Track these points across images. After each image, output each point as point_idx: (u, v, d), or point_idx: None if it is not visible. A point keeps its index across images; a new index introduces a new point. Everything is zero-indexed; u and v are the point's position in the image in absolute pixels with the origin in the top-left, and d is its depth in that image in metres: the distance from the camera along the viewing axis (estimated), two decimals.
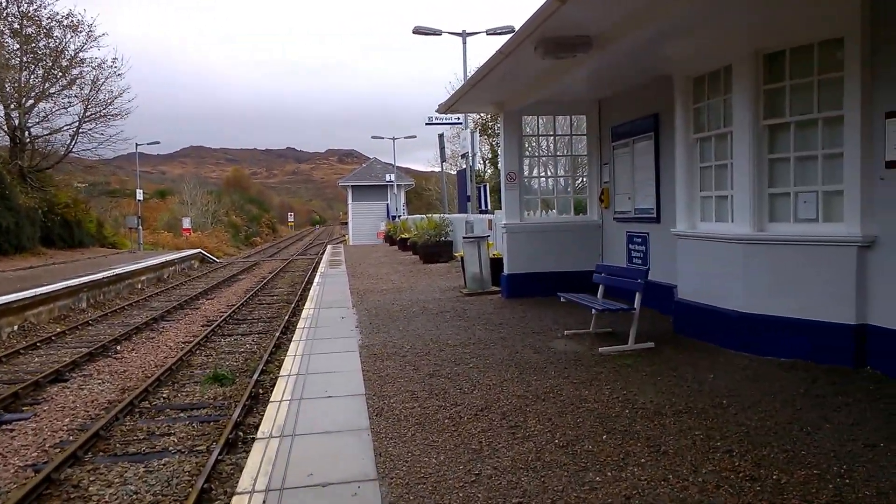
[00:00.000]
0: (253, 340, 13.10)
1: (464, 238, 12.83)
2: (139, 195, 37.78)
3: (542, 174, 11.95)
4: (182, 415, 8.19)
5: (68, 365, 10.78)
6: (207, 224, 58.39)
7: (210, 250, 42.17)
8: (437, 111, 12.84)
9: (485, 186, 16.74)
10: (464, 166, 40.29)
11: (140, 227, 37.44)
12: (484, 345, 7.98)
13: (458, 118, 17.05)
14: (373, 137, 42.06)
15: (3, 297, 14.32)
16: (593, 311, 7.74)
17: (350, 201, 47.37)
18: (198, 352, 12.12)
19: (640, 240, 10.02)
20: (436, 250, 20.18)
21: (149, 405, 8.64)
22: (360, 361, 7.54)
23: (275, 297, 19.52)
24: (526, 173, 11.81)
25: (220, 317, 15.75)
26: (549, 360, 7.17)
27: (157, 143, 38.75)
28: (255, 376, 9.71)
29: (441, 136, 22.46)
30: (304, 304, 13.85)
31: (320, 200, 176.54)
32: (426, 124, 18.47)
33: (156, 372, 10.44)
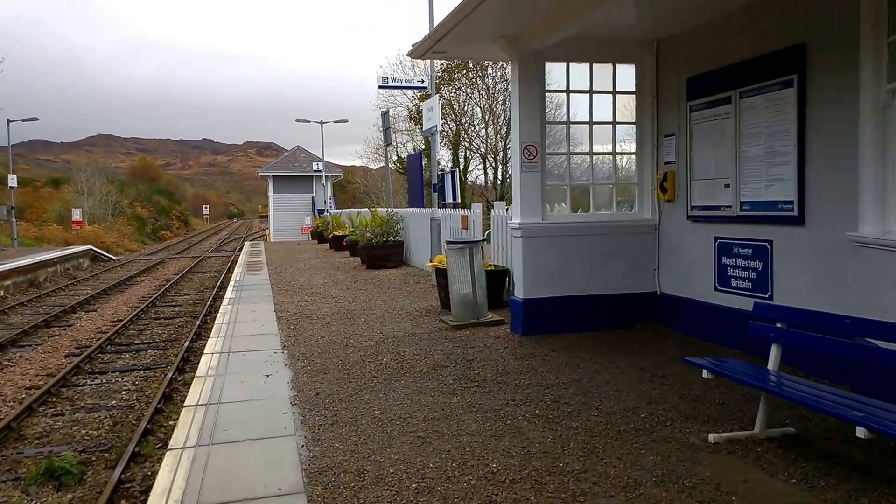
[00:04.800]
0: (134, 383, 9.04)
1: (448, 244, 8.83)
2: (12, 181, 31.66)
3: (574, 150, 8.06)
4: None
5: None
6: (107, 216, 52.04)
7: (107, 246, 36.71)
8: (409, 54, 8.80)
9: (454, 173, 12.78)
10: (400, 155, 36.27)
11: (13, 218, 31.40)
12: (568, 476, 4.03)
13: (423, 80, 13.12)
14: (297, 121, 37.01)
15: None
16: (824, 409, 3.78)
17: (271, 192, 42.41)
18: (43, 407, 7.96)
19: (750, 251, 6.32)
20: (383, 253, 16.10)
21: None
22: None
23: (177, 309, 15.31)
24: (549, 148, 7.93)
25: (97, 339, 11.54)
26: None
27: (35, 119, 32.59)
28: (118, 469, 5.92)
29: (385, 113, 18.36)
30: (213, 320, 10.02)
31: (238, 193, 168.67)
32: (379, 87, 14.48)
33: None
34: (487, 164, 32.62)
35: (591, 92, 7.98)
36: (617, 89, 8.02)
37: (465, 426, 4.87)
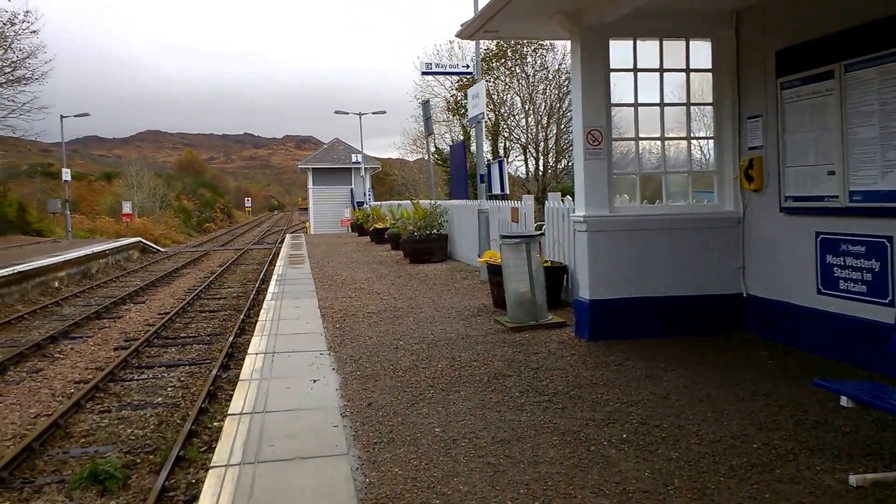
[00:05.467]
0: (180, 380, 8.84)
1: (502, 238, 8.19)
2: (66, 175, 32.01)
3: (643, 135, 7.31)
4: None
5: None
6: (156, 209, 52.73)
7: (156, 238, 37.17)
8: (457, 35, 8.16)
9: (501, 162, 12.10)
10: (439, 146, 35.63)
11: (67, 211, 31.79)
12: None
13: (468, 65, 12.41)
14: (336, 112, 36.70)
15: None
16: None
17: (310, 185, 42.15)
18: (90, 403, 7.84)
19: (863, 249, 5.52)
20: (426, 246, 15.52)
21: None
22: None
23: (221, 302, 15.22)
24: (615, 133, 7.20)
25: (145, 332, 11.53)
26: None
27: (87, 115, 32.87)
28: (162, 475, 5.62)
29: (426, 102, 17.74)
30: (257, 315, 9.86)
31: (278, 185, 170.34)
32: (423, 73, 13.85)
33: (6, 451, 6.33)
34: (528, 155, 31.80)
35: (661, 70, 7.22)
36: (691, 67, 7.25)
37: (542, 452, 4.25)
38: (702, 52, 7.16)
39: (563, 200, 9.73)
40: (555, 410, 5.04)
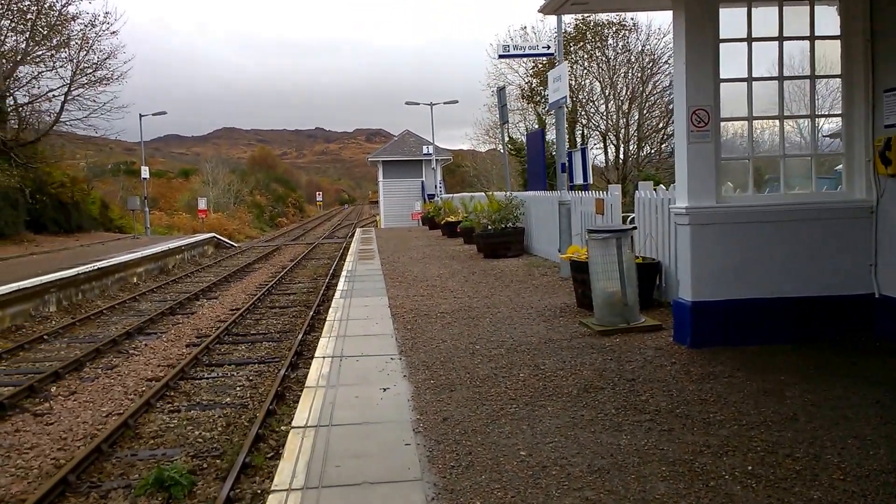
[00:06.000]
0: (249, 378, 8.62)
1: (590, 233, 7.42)
2: (144, 173, 32.91)
3: (757, 113, 6.40)
4: None
5: None
6: (230, 204, 53.96)
7: (230, 233, 37.85)
8: (540, 10, 7.42)
9: (584, 150, 11.27)
10: (512, 136, 34.76)
11: (146, 208, 32.68)
12: None
13: (548, 46, 11.60)
14: (407, 104, 36.28)
15: None
16: None
17: (381, 178, 42.09)
18: (160, 403, 7.73)
19: None
20: (502, 241, 14.83)
21: None
22: None
23: (291, 298, 15.10)
24: (723, 112, 6.34)
25: (217, 329, 11.55)
26: None
27: (164, 113, 33.69)
28: (227, 484, 5.35)
29: (501, 89, 16.97)
30: (326, 312, 9.56)
31: (349, 179, 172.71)
32: (499, 57, 13.06)
33: (76, 452, 6.22)
34: (608, 143, 30.58)
35: (780, 39, 6.29)
36: (815, 34, 6.29)
37: (651, 486, 3.54)
38: (828, 16, 6.20)
39: (655, 189, 8.87)
40: (660, 433, 4.31)
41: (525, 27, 32.00)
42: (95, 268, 15.78)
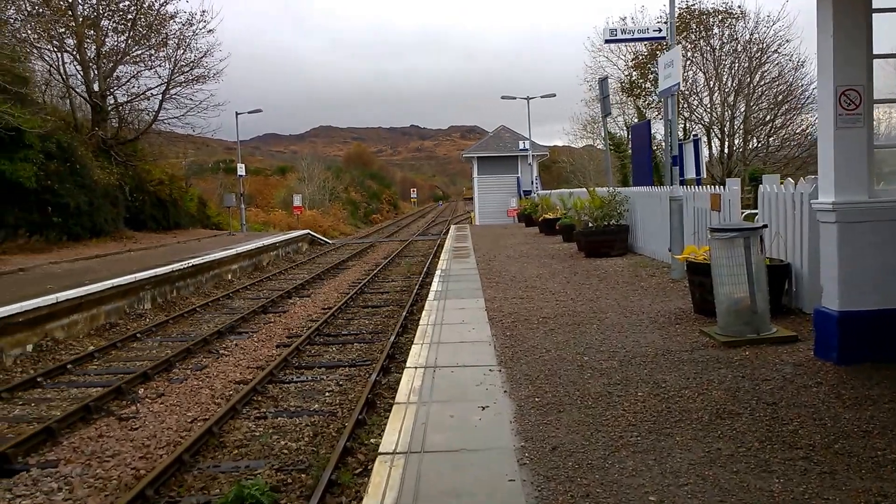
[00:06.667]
0: (339, 383, 8.31)
1: (713, 232, 6.60)
2: (240, 170, 33.82)
3: None
4: None
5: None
6: (325, 201, 55.05)
7: (324, 230, 38.42)
8: None
9: (697, 142, 10.33)
10: (610, 131, 33.44)
11: (242, 205, 33.55)
12: None
13: (660, 30, 10.76)
14: (503, 98, 35.58)
15: (10, 307, 10.06)
16: None
17: (475, 175, 41.55)
18: (246, 408, 7.47)
19: None
20: (604, 239, 14.00)
21: None
22: None
23: (384, 297, 14.83)
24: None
25: (307, 329, 11.30)
26: None
27: (259, 110, 34.52)
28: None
29: (603, 80, 16.06)
30: (419, 312, 9.32)
31: (443, 176, 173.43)
32: (606, 41, 12.27)
33: (157, 462, 6.02)
34: (712, 136, 28.83)
35: None
36: None
37: None
38: None
39: (781, 183, 7.90)
40: (820, 476, 3.57)
41: (624, 17, 30.71)
42: (189, 265, 16.08)
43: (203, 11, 51.32)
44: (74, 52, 25.74)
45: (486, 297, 9.66)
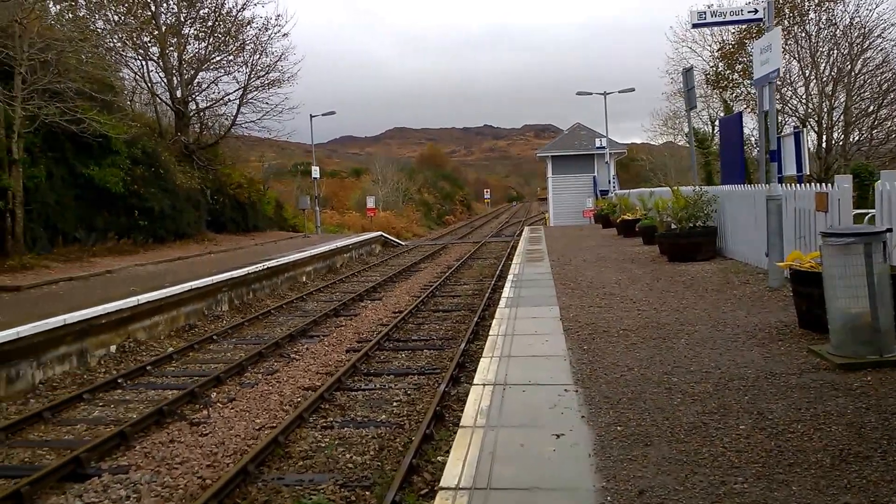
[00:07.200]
0: (406, 392, 8.01)
1: (825, 237, 5.76)
2: (315, 172, 34.10)
3: None
4: None
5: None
6: (399, 203, 55.20)
7: (397, 231, 38.36)
8: None
9: (798, 135, 9.35)
10: (693, 126, 31.89)
11: (317, 207, 33.85)
12: None
13: (755, 10, 9.85)
14: (578, 94, 34.47)
15: (96, 309, 10.20)
16: None
17: (549, 174, 40.58)
18: (314, 417, 7.27)
19: None
20: (689, 241, 13.05)
21: None
22: None
23: (455, 301, 14.42)
24: None
25: (377, 333, 11.09)
26: None
27: (333, 112, 34.64)
28: None
29: (688, 70, 15.07)
30: (490, 318, 9.06)
31: (517, 176, 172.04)
32: (694, 25, 11.39)
33: (223, 471, 5.86)
34: (808, 129, 26.93)
35: None
36: None
37: None
38: None
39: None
40: None
41: (710, 5, 29.19)
42: (265, 267, 16.11)
43: (278, 16, 52.25)
44: (158, 60, 26.52)
45: (561, 304, 9.01)
